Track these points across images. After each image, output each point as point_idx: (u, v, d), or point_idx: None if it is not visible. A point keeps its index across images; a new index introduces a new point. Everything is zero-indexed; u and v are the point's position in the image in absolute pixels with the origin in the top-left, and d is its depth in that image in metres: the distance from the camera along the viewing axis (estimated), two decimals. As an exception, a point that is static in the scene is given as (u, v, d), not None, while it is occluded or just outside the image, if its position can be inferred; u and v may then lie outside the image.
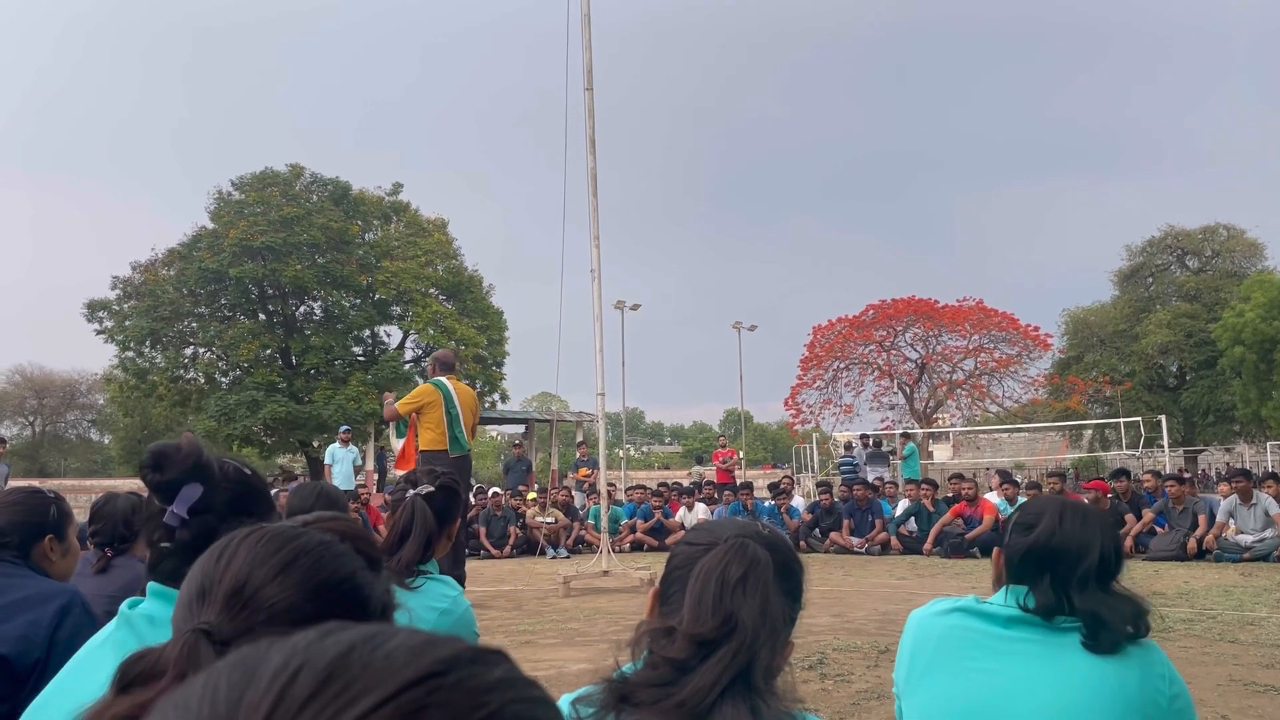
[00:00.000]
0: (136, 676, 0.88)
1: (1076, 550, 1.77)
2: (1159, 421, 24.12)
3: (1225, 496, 10.77)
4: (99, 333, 29.35)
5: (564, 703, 1.24)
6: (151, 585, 1.60)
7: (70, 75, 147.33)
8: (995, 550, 1.97)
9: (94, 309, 29.21)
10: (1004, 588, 1.88)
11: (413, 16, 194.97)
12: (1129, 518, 11.20)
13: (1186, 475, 13.98)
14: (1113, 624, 1.73)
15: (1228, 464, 28.35)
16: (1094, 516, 1.86)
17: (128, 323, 28.85)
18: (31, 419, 58.94)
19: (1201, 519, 10.73)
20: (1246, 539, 10.25)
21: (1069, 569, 1.76)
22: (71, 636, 2.17)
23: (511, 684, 0.44)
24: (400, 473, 7.27)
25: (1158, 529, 11.20)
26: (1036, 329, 36.18)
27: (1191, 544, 10.48)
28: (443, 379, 7.35)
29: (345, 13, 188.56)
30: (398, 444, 7.44)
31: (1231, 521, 10.51)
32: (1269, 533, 10.16)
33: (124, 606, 1.67)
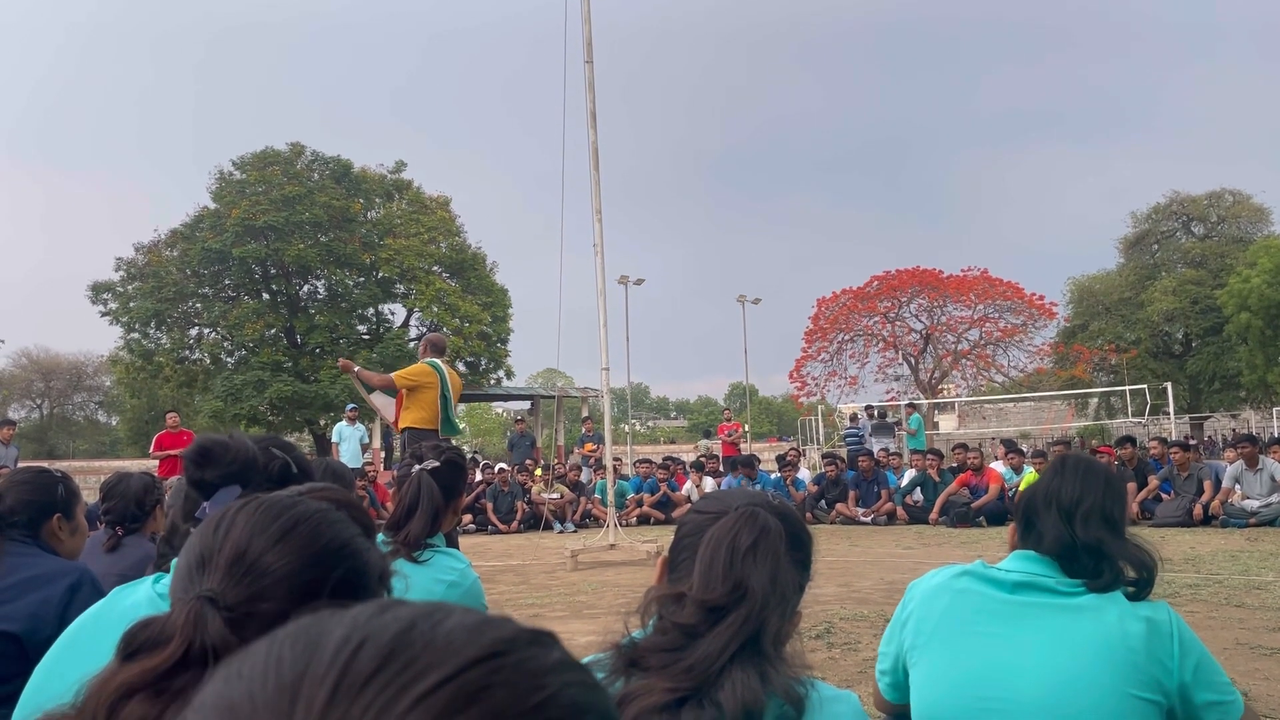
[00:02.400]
0: (142, 644, 0.88)
1: (1079, 492, 1.83)
2: (1165, 389, 24.12)
3: (1231, 462, 10.76)
4: (104, 314, 29.42)
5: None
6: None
7: (79, 65, 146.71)
8: (1011, 526, 1.99)
9: (98, 291, 29.24)
10: (1013, 553, 1.88)
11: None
12: (1131, 486, 11.22)
13: (1192, 442, 13.98)
14: (1115, 558, 1.76)
15: (1233, 430, 28.34)
16: (1097, 466, 1.91)
17: (132, 304, 28.90)
18: (39, 402, 59.17)
19: (1207, 485, 10.74)
20: (1253, 504, 10.26)
21: (1072, 506, 1.81)
22: (81, 614, 2.18)
23: (568, 667, 0.45)
24: (399, 430, 7.33)
25: (1164, 495, 11.22)
26: (1042, 298, 36.11)
27: (1197, 510, 10.50)
28: (437, 361, 7.37)
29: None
30: (382, 408, 7.45)
31: (1238, 487, 10.52)
32: (1275, 498, 10.16)
33: (151, 582, 1.68)
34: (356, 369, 7.57)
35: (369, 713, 0.39)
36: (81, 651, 1.56)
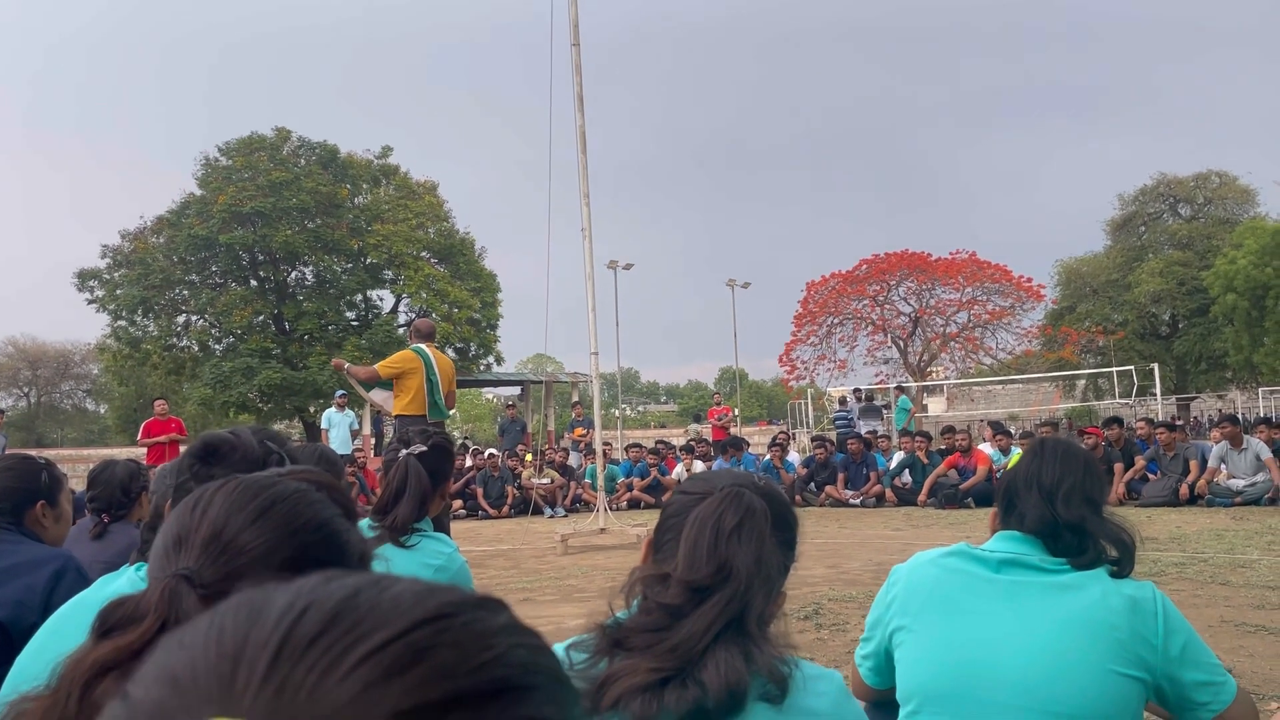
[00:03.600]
0: (117, 622, 0.88)
1: (1059, 473, 1.84)
2: (1151, 370, 24.21)
3: (1217, 442, 10.84)
4: (90, 302, 29.25)
5: (559, 650, 1.24)
6: None
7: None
8: (993, 511, 1.99)
9: (84, 278, 29.06)
10: (997, 534, 1.89)
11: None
12: (1118, 466, 11.28)
13: (1179, 422, 14.06)
14: (1097, 536, 1.78)
15: (1219, 410, 28.51)
16: (1075, 449, 1.93)
17: (119, 291, 28.73)
18: (26, 390, 58.82)
19: (1193, 465, 10.82)
20: (1238, 483, 10.34)
21: (1054, 487, 1.83)
22: (66, 601, 2.17)
23: (516, 630, 0.45)
24: (395, 417, 7.31)
25: (1150, 475, 11.29)
26: (1029, 280, 36.21)
27: (1183, 489, 10.57)
28: (423, 346, 7.36)
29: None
30: (378, 399, 7.42)
31: (1223, 466, 10.59)
32: (1260, 477, 10.24)
33: (133, 570, 1.68)
34: (347, 367, 7.56)
35: (312, 674, 0.38)
36: (65, 638, 1.56)
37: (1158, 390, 23.74)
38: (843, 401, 20.00)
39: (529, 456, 14.64)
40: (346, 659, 0.39)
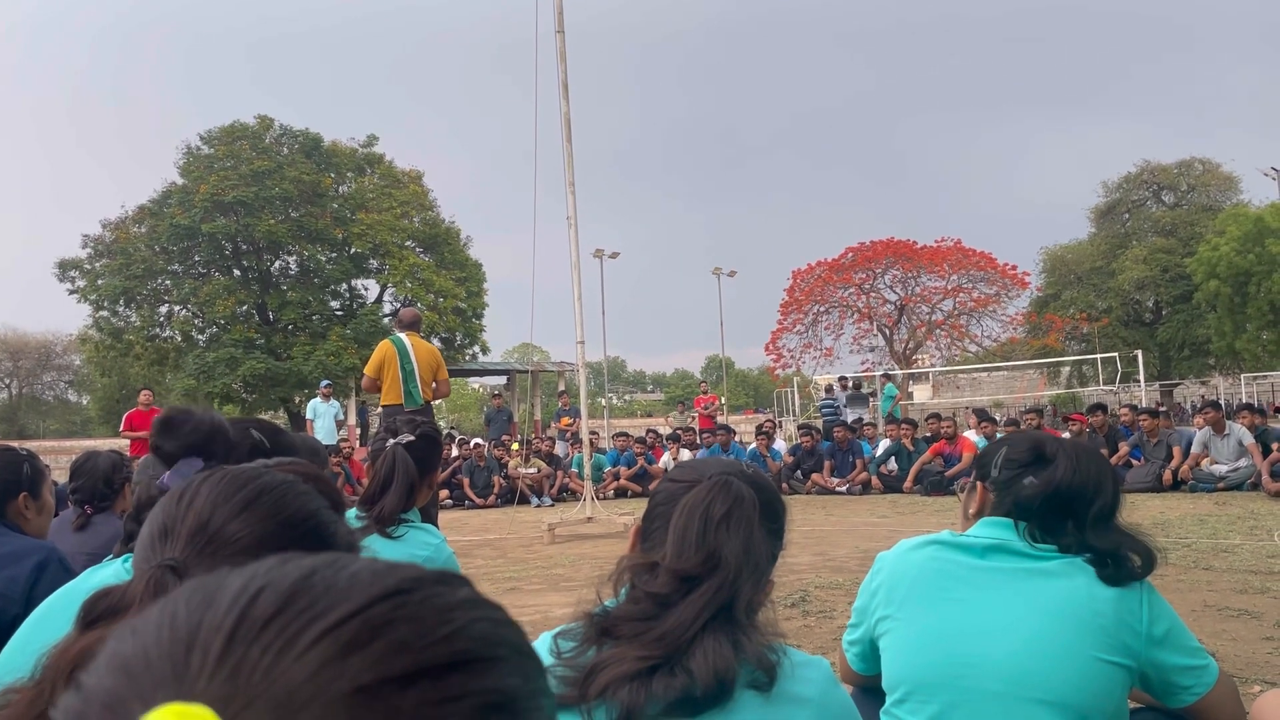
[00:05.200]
0: (102, 613, 0.87)
1: (1094, 490, 1.79)
2: (1135, 356, 24.33)
3: (1200, 428, 10.92)
4: (71, 292, 29.00)
5: (546, 638, 1.24)
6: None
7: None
8: (979, 486, 1.95)
9: (65, 268, 28.80)
10: (983, 520, 1.88)
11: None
12: (1104, 454, 11.36)
13: (1162, 409, 14.15)
14: (1128, 560, 1.75)
15: (1202, 397, 28.72)
16: (1100, 455, 1.89)
17: (100, 281, 28.49)
18: (8, 381, 58.39)
19: (1176, 450, 10.89)
20: (1221, 469, 10.41)
21: (1085, 508, 1.77)
22: (49, 592, 2.15)
23: (477, 604, 0.44)
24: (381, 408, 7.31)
25: (1134, 461, 11.37)
26: (1014, 268, 36.32)
27: (1167, 475, 10.65)
28: (400, 335, 7.34)
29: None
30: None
31: (1208, 451, 10.67)
32: (1243, 462, 10.32)
33: (120, 561, 1.67)
34: (365, 384, 7.59)
35: (268, 654, 0.38)
36: (50, 630, 1.54)
37: (1141, 377, 23.88)
38: (829, 389, 20.07)
39: (515, 446, 14.62)
40: (303, 637, 0.38)
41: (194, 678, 0.37)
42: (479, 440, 15.25)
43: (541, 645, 1.22)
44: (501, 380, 32.52)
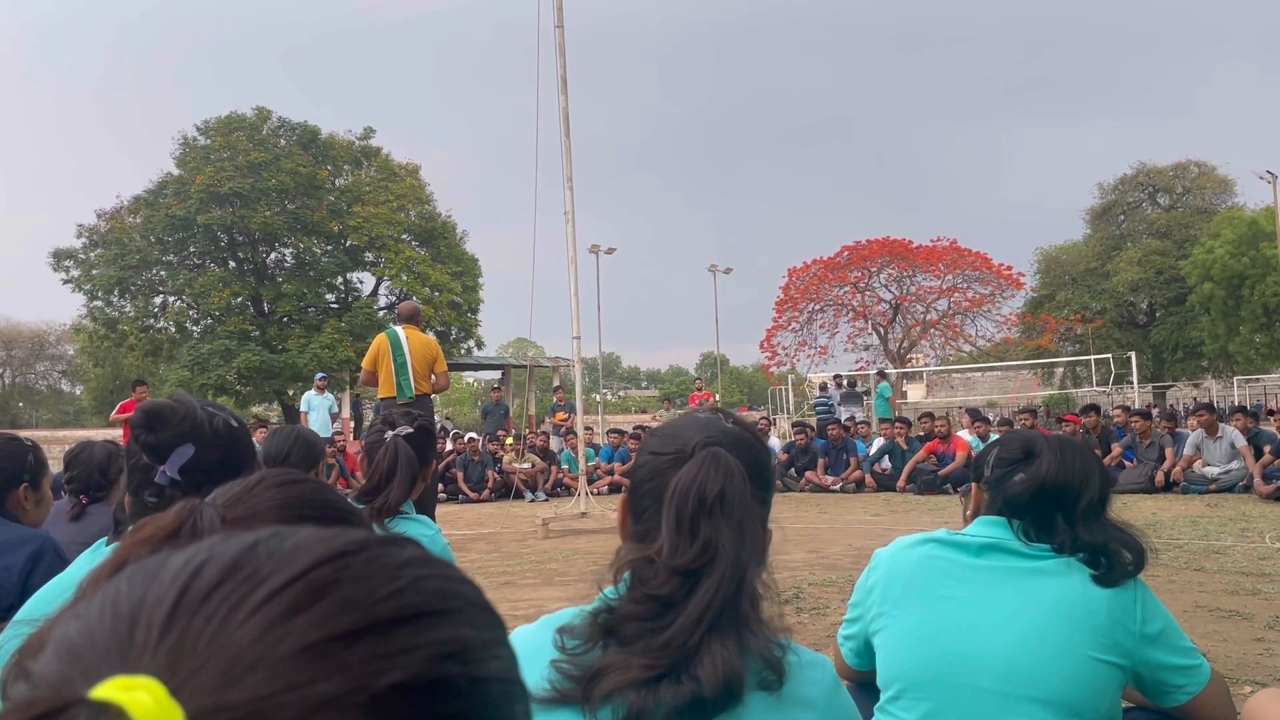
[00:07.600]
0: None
1: (1080, 483, 1.79)
2: (1129, 358, 24.42)
3: (1193, 430, 10.95)
4: (65, 282, 28.92)
5: (547, 628, 1.23)
6: None
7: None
8: (974, 486, 1.98)
9: (60, 258, 28.71)
10: (979, 519, 1.89)
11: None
12: (1095, 452, 11.38)
13: (1154, 409, 14.19)
14: (1119, 555, 1.76)
15: (1195, 399, 28.80)
16: (1087, 449, 1.89)
17: (95, 272, 28.42)
18: (1, 371, 58.21)
19: (1168, 452, 10.93)
20: (1213, 471, 10.45)
21: (1073, 503, 1.78)
22: (44, 581, 2.15)
23: (425, 562, 0.44)
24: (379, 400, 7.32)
25: (1126, 463, 11.40)
26: (1009, 268, 36.41)
27: (1159, 477, 10.68)
28: (395, 328, 7.33)
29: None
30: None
31: (1200, 454, 10.70)
32: (1234, 465, 10.35)
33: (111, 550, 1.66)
34: (362, 377, 7.58)
35: (212, 622, 0.38)
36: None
37: (1134, 378, 23.96)
38: (823, 388, 20.08)
39: (509, 440, 14.62)
40: (247, 603, 0.38)
41: (139, 651, 0.37)
42: (473, 434, 15.24)
43: (542, 634, 1.22)
44: (497, 375, 32.49)
